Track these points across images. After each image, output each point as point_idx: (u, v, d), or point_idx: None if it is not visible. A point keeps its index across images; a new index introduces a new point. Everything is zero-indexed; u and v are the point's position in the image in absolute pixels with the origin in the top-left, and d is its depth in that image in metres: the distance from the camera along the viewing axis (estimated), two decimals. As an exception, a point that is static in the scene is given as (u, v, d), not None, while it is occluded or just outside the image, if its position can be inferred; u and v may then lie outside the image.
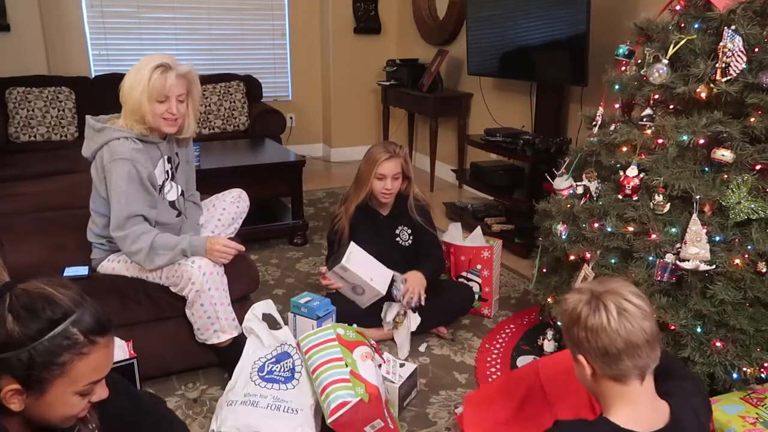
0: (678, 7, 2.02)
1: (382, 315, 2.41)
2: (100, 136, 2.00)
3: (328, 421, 1.70)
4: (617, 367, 1.14)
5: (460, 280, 2.68)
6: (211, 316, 2.03)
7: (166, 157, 2.12)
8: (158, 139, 2.07)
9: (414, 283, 2.35)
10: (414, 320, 2.40)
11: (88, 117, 2.06)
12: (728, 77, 1.80)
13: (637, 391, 1.16)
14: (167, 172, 2.14)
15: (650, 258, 1.88)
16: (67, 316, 1.04)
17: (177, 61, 2.02)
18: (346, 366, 1.77)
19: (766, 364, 1.80)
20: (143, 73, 1.95)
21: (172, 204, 2.17)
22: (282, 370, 1.89)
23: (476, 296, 2.64)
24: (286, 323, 2.14)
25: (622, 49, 2.15)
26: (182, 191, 2.24)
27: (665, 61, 1.94)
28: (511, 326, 2.59)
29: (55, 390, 1.04)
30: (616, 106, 2.19)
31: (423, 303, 2.36)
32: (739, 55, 1.77)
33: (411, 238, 2.53)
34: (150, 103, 1.97)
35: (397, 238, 2.53)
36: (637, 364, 1.14)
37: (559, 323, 1.30)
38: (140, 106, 1.96)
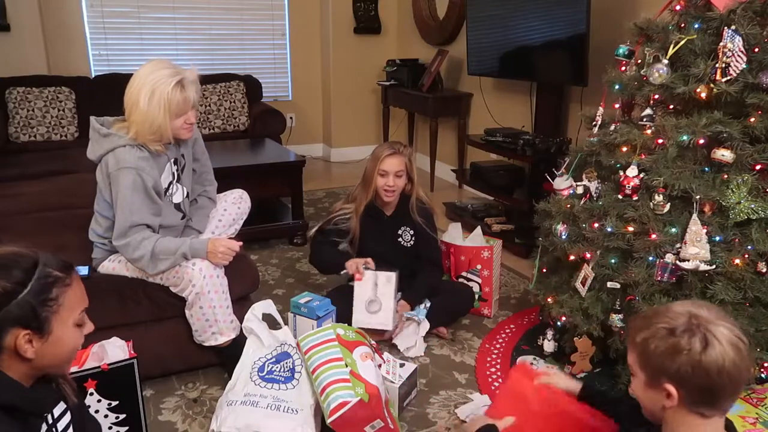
0: (678, 7, 2.02)
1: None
2: (106, 142, 1.99)
3: (328, 421, 1.70)
4: (712, 404, 1.10)
5: (460, 280, 2.68)
6: (210, 318, 2.03)
7: (172, 159, 2.13)
8: (167, 147, 2.07)
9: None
10: (423, 326, 2.40)
11: (92, 119, 2.05)
12: (728, 77, 1.80)
13: (715, 426, 1.13)
14: (173, 174, 2.15)
15: (650, 258, 1.88)
16: (36, 261, 1.14)
17: (177, 66, 2.01)
18: (346, 366, 1.77)
19: (766, 364, 1.80)
20: (161, 93, 1.91)
21: (177, 206, 2.17)
22: (282, 370, 1.89)
23: (476, 296, 2.64)
24: (286, 323, 2.14)
25: (622, 49, 2.15)
26: (187, 193, 2.24)
27: (665, 61, 1.94)
28: (511, 326, 2.59)
29: (58, 325, 1.15)
30: (616, 106, 2.19)
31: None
32: (739, 55, 1.77)
33: (413, 239, 2.53)
34: (171, 120, 1.97)
35: (399, 239, 2.53)
36: (731, 402, 1.11)
37: (630, 341, 1.22)
38: (159, 125, 1.95)
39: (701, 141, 1.83)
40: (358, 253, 2.51)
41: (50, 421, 1.24)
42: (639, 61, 2.07)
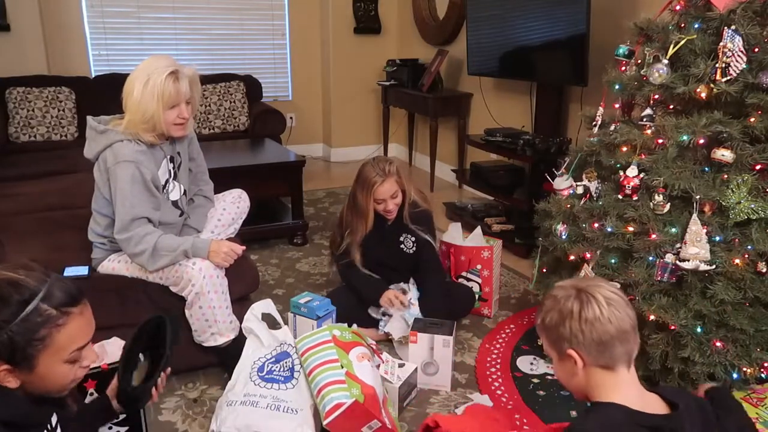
0: (678, 7, 2.02)
1: (381, 326, 2.43)
2: (103, 138, 2.00)
3: (324, 423, 1.70)
4: (610, 354, 1.21)
5: (460, 280, 2.68)
6: (209, 319, 2.03)
7: (168, 156, 2.13)
8: (161, 141, 2.07)
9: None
10: (413, 311, 2.41)
11: (89, 118, 2.06)
12: (728, 77, 1.80)
13: (625, 378, 1.23)
14: (170, 171, 2.15)
15: (650, 258, 1.88)
16: (35, 295, 1.10)
17: (178, 62, 2.02)
18: (342, 367, 1.77)
19: (766, 364, 1.80)
20: (155, 81, 1.92)
21: (174, 203, 2.17)
22: (281, 369, 1.89)
23: (476, 296, 2.64)
24: (285, 323, 2.14)
25: (622, 49, 2.15)
26: (185, 190, 2.24)
27: (665, 61, 1.94)
28: (511, 326, 2.59)
29: (44, 363, 1.11)
30: (616, 106, 2.19)
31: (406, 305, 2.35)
32: (739, 55, 1.77)
33: (415, 246, 2.52)
34: (164, 110, 1.96)
35: (401, 245, 2.52)
36: (626, 349, 1.22)
37: (536, 327, 1.37)
38: (152, 116, 1.95)
39: (701, 141, 1.83)
40: (362, 261, 2.48)
41: (50, 429, 1.24)
42: (639, 61, 2.07)
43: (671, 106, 2.02)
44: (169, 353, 1.51)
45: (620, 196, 2.01)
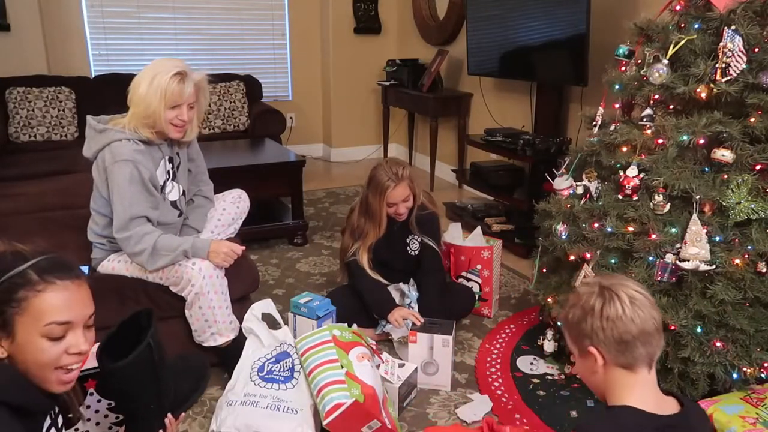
0: (678, 7, 2.02)
1: (385, 328, 2.42)
2: (102, 137, 2.00)
3: (324, 422, 1.70)
4: (631, 355, 1.19)
5: (460, 280, 2.68)
6: (209, 319, 2.03)
7: (167, 157, 2.13)
8: (160, 141, 2.07)
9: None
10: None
11: (89, 117, 2.07)
12: (728, 77, 1.80)
13: (645, 379, 1.21)
14: (168, 172, 2.15)
15: (650, 258, 1.88)
16: (27, 261, 1.13)
17: (189, 67, 2.03)
18: (342, 367, 1.77)
19: (766, 364, 1.80)
20: (161, 79, 1.95)
21: (173, 204, 2.17)
22: (281, 369, 1.89)
23: (476, 296, 2.64)
24: (285, 323, 2.14)
25: (622, 49, 2.15)
26: (183, 191, 2.24)
27: (665, 61, 1.94)
28: (511, 326, 2.59)
29: (22, 330, 1.11)
30: (616, 106, 2.19)
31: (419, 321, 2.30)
32: (739, 55, 1.77)
33: (419, 247, 2.53)
34: (165, 109, 1.98)
35: (407, 248, 2.52)
36: (648, 351, 1.20)
37: (559, 322, 1.34)
38: (153, 111, 1.97)
39: (701, 141, 1.83)
40: (369, 264, 2.47)
41: (53, 416, 1.24)
42: (639, 61, 2.07)
43: (671, 106, 2.02)
44: (154, 346, 1.51)
45: (620, 196, 2.01)
